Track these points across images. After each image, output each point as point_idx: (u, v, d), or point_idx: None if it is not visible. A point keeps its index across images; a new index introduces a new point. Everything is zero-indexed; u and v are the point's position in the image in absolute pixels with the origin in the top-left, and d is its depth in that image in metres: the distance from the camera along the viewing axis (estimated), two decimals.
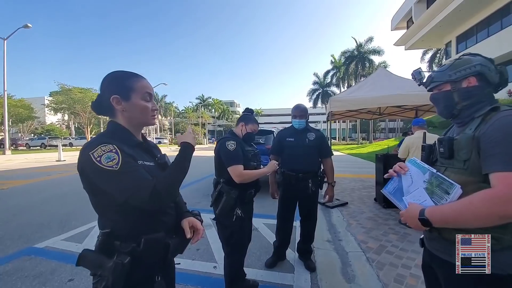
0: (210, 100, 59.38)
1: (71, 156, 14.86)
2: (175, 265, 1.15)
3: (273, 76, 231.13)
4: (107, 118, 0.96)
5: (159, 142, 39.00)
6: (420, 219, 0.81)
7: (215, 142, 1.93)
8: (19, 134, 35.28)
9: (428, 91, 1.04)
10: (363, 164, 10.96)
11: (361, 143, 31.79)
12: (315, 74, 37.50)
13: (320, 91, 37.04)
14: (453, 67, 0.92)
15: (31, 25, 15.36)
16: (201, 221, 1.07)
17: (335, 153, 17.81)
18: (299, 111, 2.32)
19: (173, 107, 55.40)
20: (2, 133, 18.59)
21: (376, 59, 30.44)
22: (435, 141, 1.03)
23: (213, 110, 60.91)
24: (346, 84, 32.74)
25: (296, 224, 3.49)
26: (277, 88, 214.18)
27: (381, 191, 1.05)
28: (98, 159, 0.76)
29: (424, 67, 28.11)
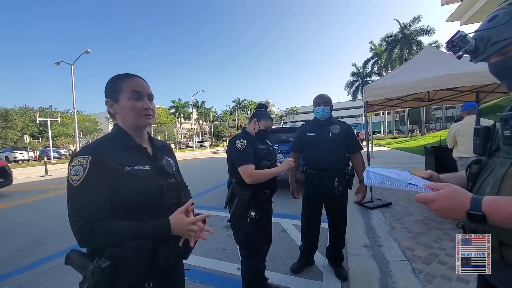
0: (246, 102, 60.61)
1: None
2: (185, 270, 1.12)
3: (308, 73, 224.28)
4: (157, 126, 0.97)
5: (201, 146, 41.71)
6: (472, 214, 0.55)
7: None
8: None
9: (480, 61, 0.72)
10: (412, 159, 9.71)
11: (410, 136, 28.42)
12: (353, 64, 35.03)
13: (360, 82, 34.35)
14: None
15: (91, 50, 17.94)
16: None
17: (379, 148, 16.47)
18: (322, 98, 2.10)
19: (212, 112, 58.26)
20: (75, 145, 22.16)
21: (425, 39, 26.83)
22: (494, 122, 0.74)
23: (248, 112, 62.08)
24: (391, 70, 29.70)
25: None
26: (313, 84, 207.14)
27: (365, 182, 0.78)
28: (71, 168, 0.79)
29: None
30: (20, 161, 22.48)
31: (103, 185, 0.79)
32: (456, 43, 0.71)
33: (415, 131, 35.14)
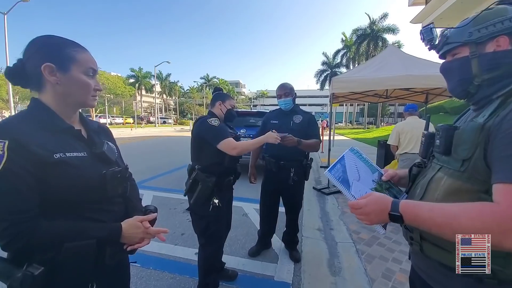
0: (215, 80, 58.17)
1: None
2: (131, 263, 1.03)
3: (279, 55, 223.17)
4: (112, 97, 0.79)
5: (164, 122, 39.28)
6: (392, 214, 0.64)
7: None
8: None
9: (440, 58, 0.77)
10: (366, 150, 10.68)
11: (367, 128, 31.08)
12: (324, 54, 35.90)
13: (329, 72, 35.58)
14: (477, 21, 0.64)
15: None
16: (155, 218, 0.92)
17: (339, 137, 17.49)
18: (283, 90, 2.11)
19: (178, 87, 54.64)
20: (9, 111, 18.83)
21: (390, 38, 28.70)
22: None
23: None
24: (357, 64, 31.29)
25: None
26: (284, 68, 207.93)
27: (324, 173, 0.86)
28: None
29: None
30: None
31: (29, 176, 0.64)
32: (424, 36, 0.76)
33: (372, 123, 38.49)
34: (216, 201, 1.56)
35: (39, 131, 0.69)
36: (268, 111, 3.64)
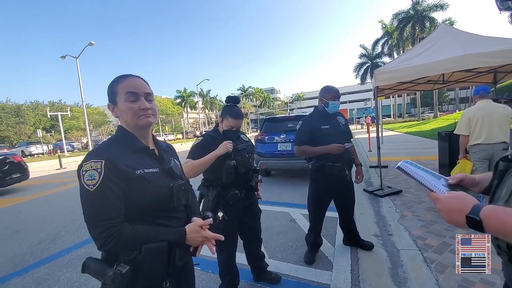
0: (251, 89, 59.86)
1: None
2: (194, 265, 1.14)
3: (314, 57, 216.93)
4: (164, 117, 0.97)
5: None
6: (470, 217, 0.56)
7: (258, 131, 1.83)
8: (100, 137, 42.62)
9: None
10: (424, 144, 9.46)
11: (422, 119, 27.57)
12: (362, 46, 33.53)
13: (369, 64, 33.05)
14: None
15: (94, 43, 17.87)
16: (219, 218, 1.05)
17: (388, 133, 16.10)
18: (338, 92, 2.08)
19: (218, 101, 57.95)
20: (86, 137, 22.73)
21: (439, 16, 25.30)
22: None
23: (254, 99, 61.43)
24: (402, 51, 28.33)
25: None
26: (320, 69, 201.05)
27: (398, 165, 0.82)
28: (83, 173, 0.77)
29: (506, 17, 21.63)
30: (35, 155, 23.36)
31: (118, 189, 0.79)
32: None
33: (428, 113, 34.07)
34: (220, 214, 1.53)
35: (124, 151, 0.85)
36: (306, 113, 3.57)
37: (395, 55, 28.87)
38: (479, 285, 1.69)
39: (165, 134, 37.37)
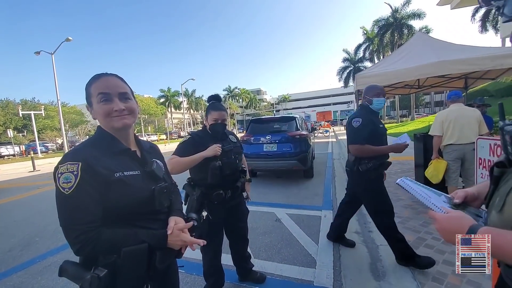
0: (237, 90, 59.72)
1: None
2: (179, 267, 1.12)
3: (300, 60, 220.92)
4: (147, 117, 0.92)
5: None
6: None
7: (244, 131, 1.82)
8: (76, 137, 40.47)
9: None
10: None
11: (400, 121, 28.95)
12: (345, 50, 34.79)
13: (352, 68, 34.29)
14: None
15: (71, 38, 17.00)
16: (194, 225, 0.99)
17: None
18: (382, 89, 2.05)
19: (203, 101, 57.20)
20: (62, 138, 21.52)
21: (416, 24, 26.96)
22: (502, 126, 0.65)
23: (240, 100, 61.34)
24: (382, 56, 29.61)
25: (323, 213, 3.32)
26: (305, 71, 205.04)
27: (397, 181, 0.83)
28: (59, 175, 0.74)
29: (476, 27, 23.51)
30: (5, 157, 21.76)
31: (95, 192, 0.76)
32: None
33: (406, 116, 35.82)
34: (204, 214, 1.52)
35: (103, 153, 0.82)
36: (302, 113, 3.61)
37: (376, 60, 30.13)
38: (451, 276, 1.82)
39: (148, 135, 36.19)
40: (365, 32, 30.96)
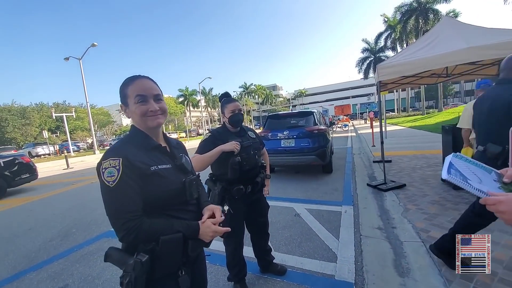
0: (253, 86, 59.72)
1: None
2: (206, 256, 1.19)
3: (315, 53, 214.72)
4: (168, 116, 1.01)
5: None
6: None
7: (261, 128, 1.87)
8: (104, 136, 43.06)
9: None
10: (428, 138, 9.41)
11: (427, 113, 27.26)
12: (364, 40, 33.22)
13: (372, 58, 32.76)
14: None
15: (97, 44, 17.99)
16: (224, 212, 1.07)
17: (392, 127, 15.88)
18: None
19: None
20: (91, 138, 23.02)
21: (442, 8, 24.99)
22: None
23: (256, 96, 61.28)
24: (405, 44, 27.94)
25: (343, 209, 3.27)
26: (321, 64, 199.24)
27: (442, 176, 0.77)
28: (103, 170, 0.82)
29: (511, 9, 21.14)
30: (42, 156, 23.75)
31: (135, 185, 0.83)
32: None
33: (433, 107, 33.66)
34: (225, 208, 1.59)
35: (138, 149, 0.90)
36: (319, 108, 3.56)
37: (399, 49, 28.52)
38: (481, 275, 1.72)
39: (169, 133, 37.60)
40: (386, 19, 29.32)
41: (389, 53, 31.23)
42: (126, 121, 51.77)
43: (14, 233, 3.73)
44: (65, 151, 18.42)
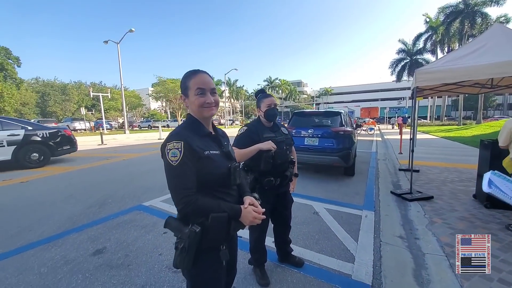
0: (277, 81, 59.11)
1: None
2: (238, 237, 1.33)
3: (345, 51, 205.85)
4: None
5: (232, 124, 43.12)
6: None
7: (283, 123, 1.96)
8: (134, 118, 45.58)
9: None
10: (462, 151, 8.78)
11: (463, 124, 25.23)
12: (401, 41, 31.17)
13: (408, 60, 30.73)
14: None
15: (134, 30, 18.89)
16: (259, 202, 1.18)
17: (423, 136, 14.93)
18: None
19: (243, 91, 58.29)
20: (123, 118, 24.50)
21: (493, 11, 22.70)
22: None
23: (280, 91, 60.65)
24: (447, 48, 25.87)
25: (364, 213, 3.26)
26: (350, 63, 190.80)
27: (484, 190, 0.79)
28: (168, 151, 0.95)
29: None
30: (78, 131, 25.79)
31: (192, 166, 0.96)
32: None
33: (470, 118, 31.07)
34: (256, 196, 1.72)
35: (194, 135, 1.03)
36: (345, 108, 3.54)
37: (439, 52, 26.47)
38: None
39: None
40: (428, 20, 27.20)
41: (428, 56, 29.22)
42: (154, 105, 54.25)
43: (57, 198, 4.20)
44: (100, 128, 19.81)
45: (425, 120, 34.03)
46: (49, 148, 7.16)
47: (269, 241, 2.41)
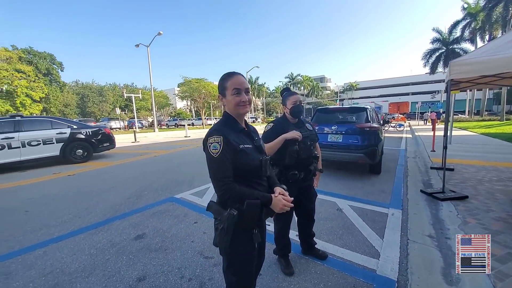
0: (299, 77, 58.05)
1: (194, 133, 19.76)
2: (266, 225, 1.47)
3: (370, 42, 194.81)
4: (215, 102, 1.30)
5: (253, 121, 43.42)
6: None
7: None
8: (162, 117, 48.17)
9: None
10: (503, 148, 7.98)
11: (506, 119, 22.69)
12: (436, 29, 28.70)
13: (443, 50, 28.29)
14: None
15: (162, 33, 19.89)
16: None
17: (460, 132, 13.84)
18: None
19: (265, 88, 58.27)
20: (152, 117, 26.04)
21: None
22: None
23: (302, 88, 59.56)
24: (488, 36, 23.35)
25: (391, 211, 3.21)
26: (377, 56, 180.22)
27: None
28: (209, 145, 1.10)
29: None
30: (113, 129, 27.96)
31: (230, 157, 1.11)
32: None
33: None
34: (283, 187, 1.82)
35: (231, 130, 1.17)
36: (372, 103, 3.48)
37: (479, 41, 23.98)
38: None
39: (215, 118, 39.92)
40: (465, 6, 24.73)
41: (466, 45, 26.63)
42: (179, 105, 56.68)
43: (100, 189, 4.70)
44: (134, 127, 21.30)
45: (462, 115, 31.10)
46: (92, 145, 7.94)
47: (293, 235, 2.51)
